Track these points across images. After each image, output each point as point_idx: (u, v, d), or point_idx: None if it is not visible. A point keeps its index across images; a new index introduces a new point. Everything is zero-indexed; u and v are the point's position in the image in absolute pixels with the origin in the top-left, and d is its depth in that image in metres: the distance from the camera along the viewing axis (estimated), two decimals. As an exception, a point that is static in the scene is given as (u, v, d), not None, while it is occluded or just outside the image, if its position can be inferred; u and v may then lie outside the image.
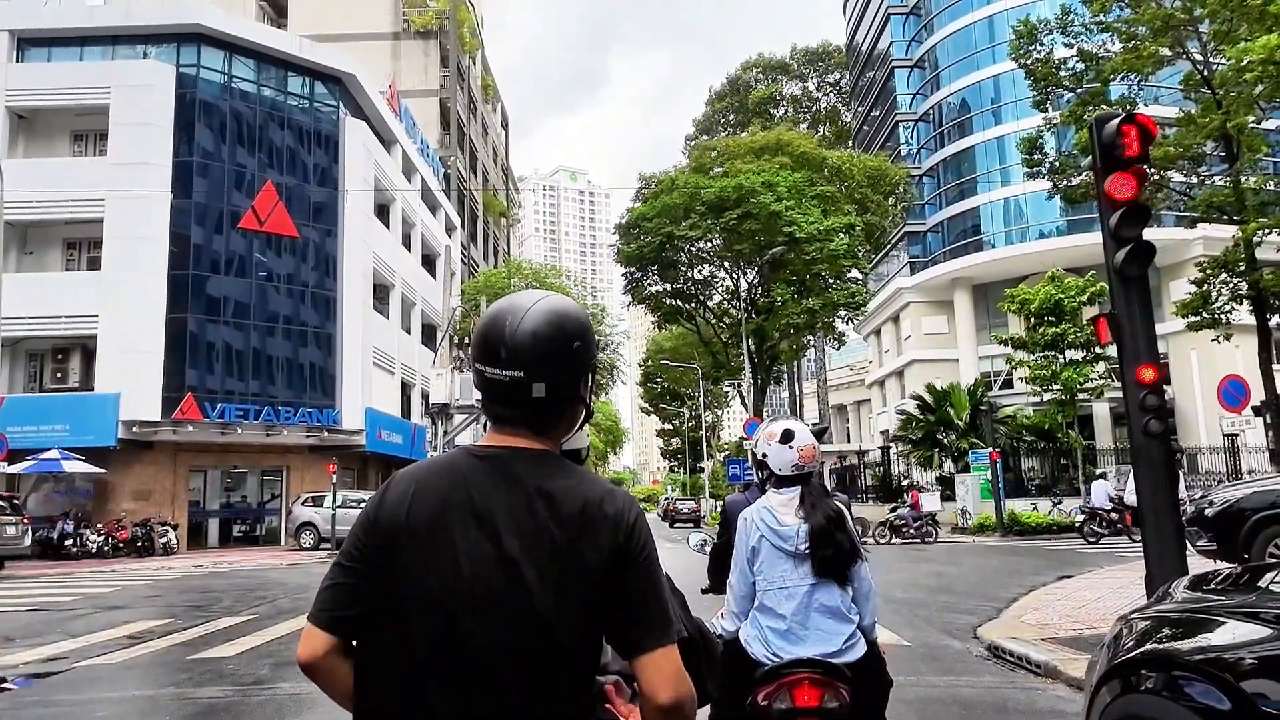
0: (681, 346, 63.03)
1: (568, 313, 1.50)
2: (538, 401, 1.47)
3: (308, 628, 1.44)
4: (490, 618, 1.37)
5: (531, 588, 1.38)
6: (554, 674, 1.39)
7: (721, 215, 30.60)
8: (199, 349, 27.05)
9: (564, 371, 1.48)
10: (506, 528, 1.40)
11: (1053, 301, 25.96)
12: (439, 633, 1.38)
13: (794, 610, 2.94)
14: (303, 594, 13.35)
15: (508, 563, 1.38)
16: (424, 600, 1.39)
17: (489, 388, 1.50)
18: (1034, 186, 48.91)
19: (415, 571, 1.40)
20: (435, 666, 1.38)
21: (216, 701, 6.15)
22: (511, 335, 1.45)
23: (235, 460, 28.84)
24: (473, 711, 1.37)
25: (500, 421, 1.51)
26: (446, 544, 1.40)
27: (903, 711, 5.49)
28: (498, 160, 64.63)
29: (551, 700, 1.38)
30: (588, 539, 1.41)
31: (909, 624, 9.16)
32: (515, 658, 1.37)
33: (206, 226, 27.61)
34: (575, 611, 1.40)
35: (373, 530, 1.45)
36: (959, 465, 31.00)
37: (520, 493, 1.43)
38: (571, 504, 1.42)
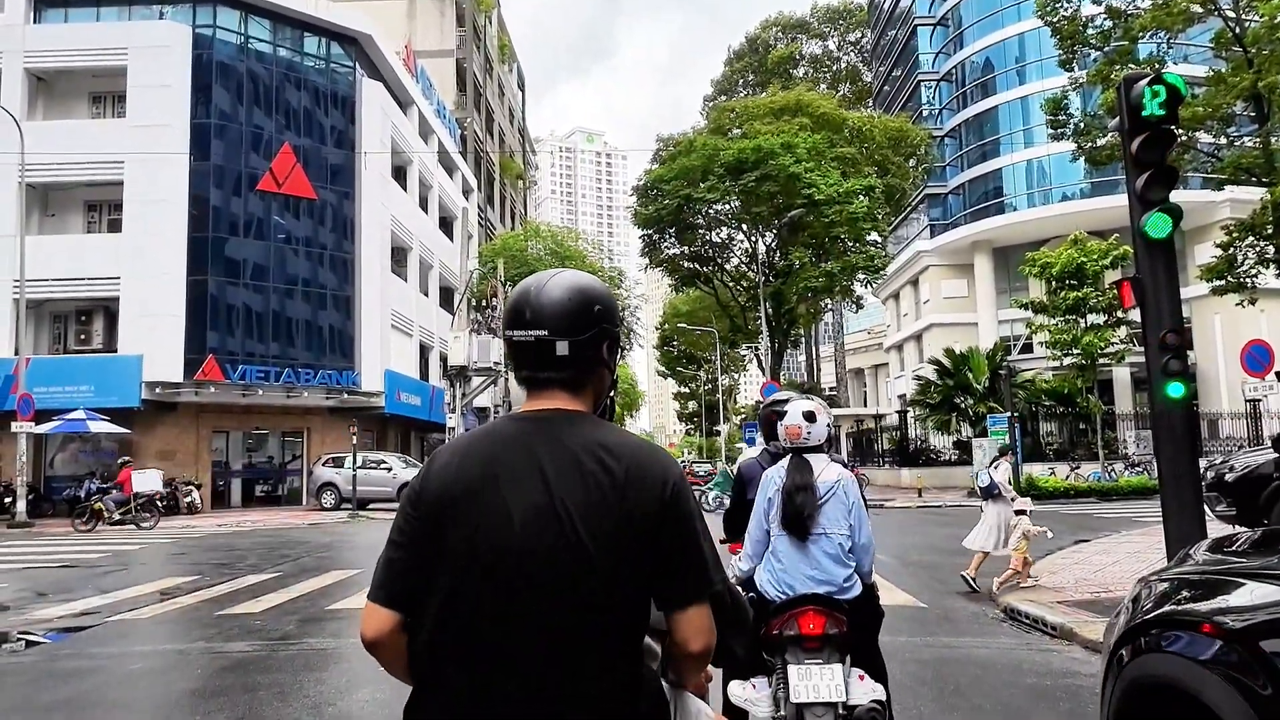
0: (698, 310, 62.86)
1: (588, 281, 1.61)
2: (562, 360, 1.54)
3: (369, 605, 1.48)
4: (543, 570, 1.42)
5: (583, 539, 1.42)
6: (606, 624, 1.44)
7: (740, 177, 30.32)
8: (219, 311, 27.24)
9: (584, 331, 1.56)
10: (555, 483, 1.45)
11: (1074, 265, 25.67)
12: (495, 591, 1.43)
13: (800, 556, 3.45)
14: (325, 552, 13.58)
15: (558, 517, 1.43)
16: (478, 561, 1.43)
17: (519, 351, 1.58)
18: (1058, 148, 48.05)
19: (467, 535, 1.44)
20: (492, 626, 1.43)
21: (245, 656, 6.30)
22: (536, 298, 1.56)
23: (257, 422, 29.18)
24: (522, 667, 1.41)
25: (534, 386, 1.59)
26: (496, 504, 1.45)
27: (918, 672, 5.57)
28: (514, 122, 64.21)
29: (602, 650, 1.44)
30: (634, 495, 1.46)
31: (926, 587, 9.23)
32: (569, 609, 1.42)
33: (225, 189, 27.67)
34: (623, 562, 1.44)
35: (419, 504, 1.49)
36: (976, 430, 30.92)
37: (566, 450, 1.48)
38: (618, 461, 1.48)
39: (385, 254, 31.80)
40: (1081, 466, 27.98)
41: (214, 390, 26.16)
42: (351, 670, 5.74)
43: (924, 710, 4.74)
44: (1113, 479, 25.95)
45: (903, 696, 4.97)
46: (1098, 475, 26.98)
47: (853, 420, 48.49)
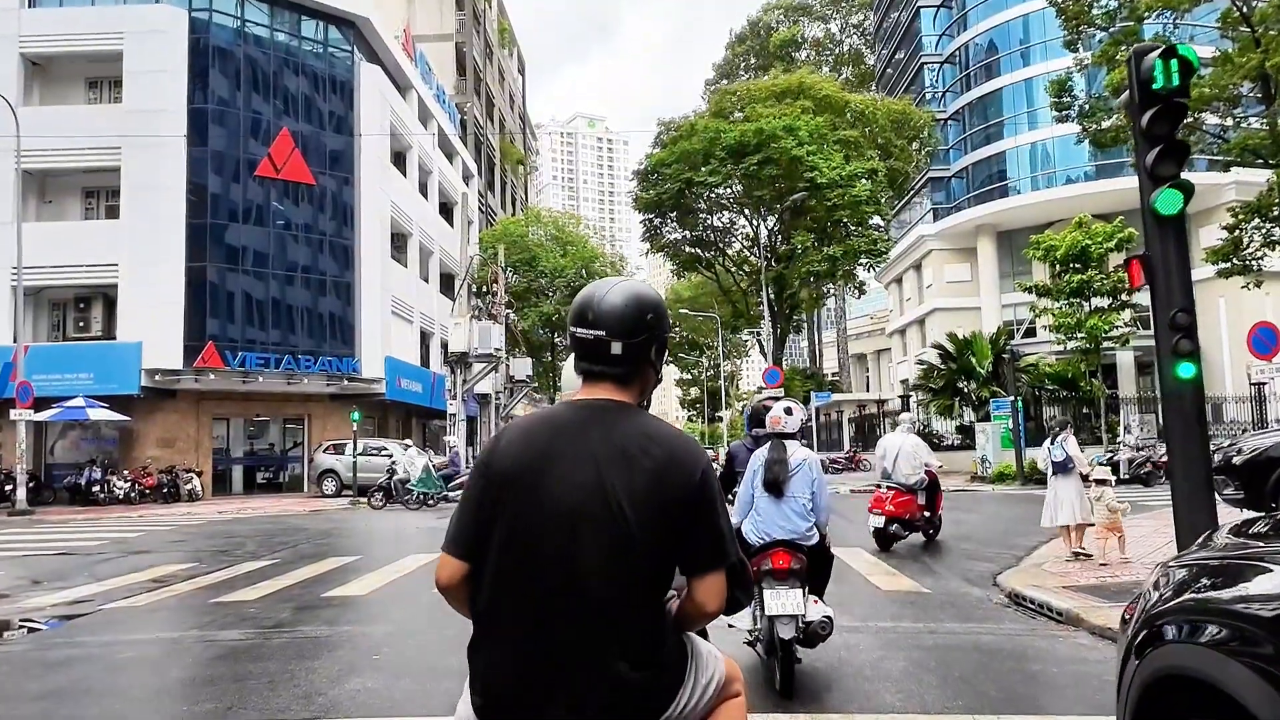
0: (700, 296, 62.69)
1: (644, 292, 1.89)
2: (616, 358, 1.83)
3: (443, 556, 1.80)
4: (591, 536, 1.69)
5: (625, 512, 1.69)
6: (639, 584, 1.72)
7: (741, 161, 30.06)
8: (219, 298, 27.12)
9: (637, 335, 1.84)
10: (605, 465, 1.72)
11: (1079, 248, 25.44)
12: (550, 552, 1.70)
13: (775, 511, 4.85)
14: (323, 539, 13.50)
15: (606, 493, 1.70)
16: (537, 526, 1.71)
17: (580, 346, 1.87)
18: (1062, 130, 47.69)
19: (529, 503, 1.72)
20: (546, 580, 1.70)
21: (238, 644, 6.20)
22: (599, 303, 1.85)
23: (257, 409, 29.12)
24: (569, 615, 1.68)
25: (590, 378, 1.87)
26: (554, 478, 1.73)
27: (922, 659, 5.46)
28: (514, 107, 63.84)
29: (637, 607, 1.72)
30: (671, 479, 1.73)
31: (928, 572, 9.12)
32: (610, 570, 1.69)
33: (223, 175, 27.49)
34: (658, 533, 1.71)
35: (487, 473, 1.78)
36: (979, 414, 30.78)
37: (615, 437, 1.76)
38: (659, 447, 1.76)
39: (385, 240, 31.62)
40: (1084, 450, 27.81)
41: (213, 377, 26.08)
42: (343, 659, 5.64)
43: (928, 698, 4.63)
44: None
45: (906, 685, 4.87)
46: (1100, 459, 26.83)
47: (855, 405, 48.40)
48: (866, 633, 6.21)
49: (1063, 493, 9.40)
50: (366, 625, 6.73)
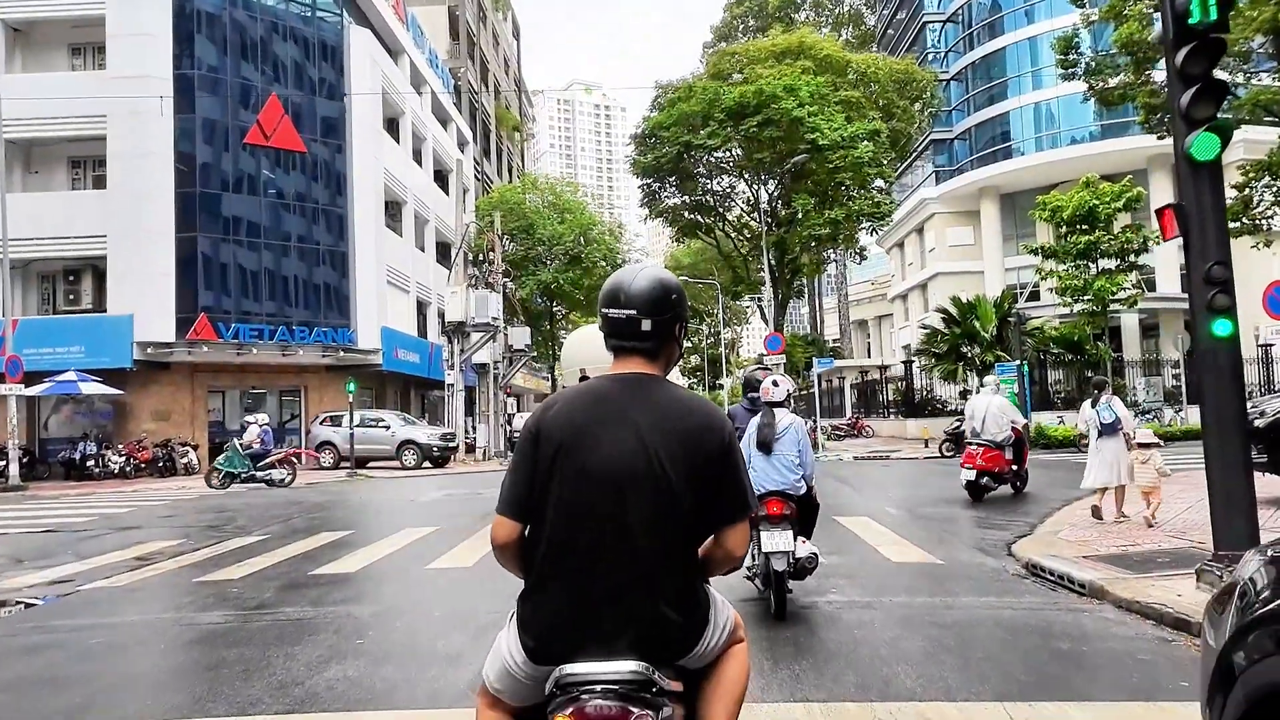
0: (700, 262, 62.10)
1: (668, 277, 2.11)
2: (645, 334, 2.04)
3: (497, 517, 2.01)
4: (634, 493, 1.91)
5: (666, 472, 1.92)
6: (678, 537, 1.95)
7: (741, 123, 29.38)
8: (210, 269, 26.63)
9: (664, 313, 2.05)
10: (644, 427, 1.94)
11: (1086, 208, 24.92)
12: (599, 508, 1.91)
13: (767, 465, 5.69)
14: (317, 514, 13.19)
15: (647, 454, 1.92)
16: (586, 485, 1.92)
17: (612, 324, 2.06)
18: (1067, 89, 46.95)
19: (578, 466, 1.93)
20: (595, 534, 1.91)
21: (215, 628, 5.87)
22: (629, 286, 2.05)
23: (253, 381, 28.77)
24: (618, 563, 1.90)
25: (621, 352, 2.08)
26: (600, 441, 1.94)
27: (940, 637, 5.12)
28: (509, 72, 62.81)
29: (674, 555, 1.94)
30: (702, 439, 1.96)
31: (940, 541, 8.79)
32: (653, 524, 1.91)
33: (212, 143, 26.88)
34: (693, 490, 1.94)
35: (536, 439, 1.98)
36: (983, 379, 30.43)
37: (652, 403, 1.98)
38: (690, 412, 1.99)
39: (379, 208, 31.07)
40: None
41: (207, 349, 25.72)
42: (325, 643, 5.30)
43: (950, 681, 4.30)
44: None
45: (926, 667, 4.53)
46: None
47: (857, 371, 48.08)
48: (880, 609, 5.88)
49: (1109, 454, 9.32)
50: (353, 605, 6.40)
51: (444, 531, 10.35)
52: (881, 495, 13.15)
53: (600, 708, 1.82)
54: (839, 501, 12.37)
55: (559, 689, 1.89)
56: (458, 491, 16.38)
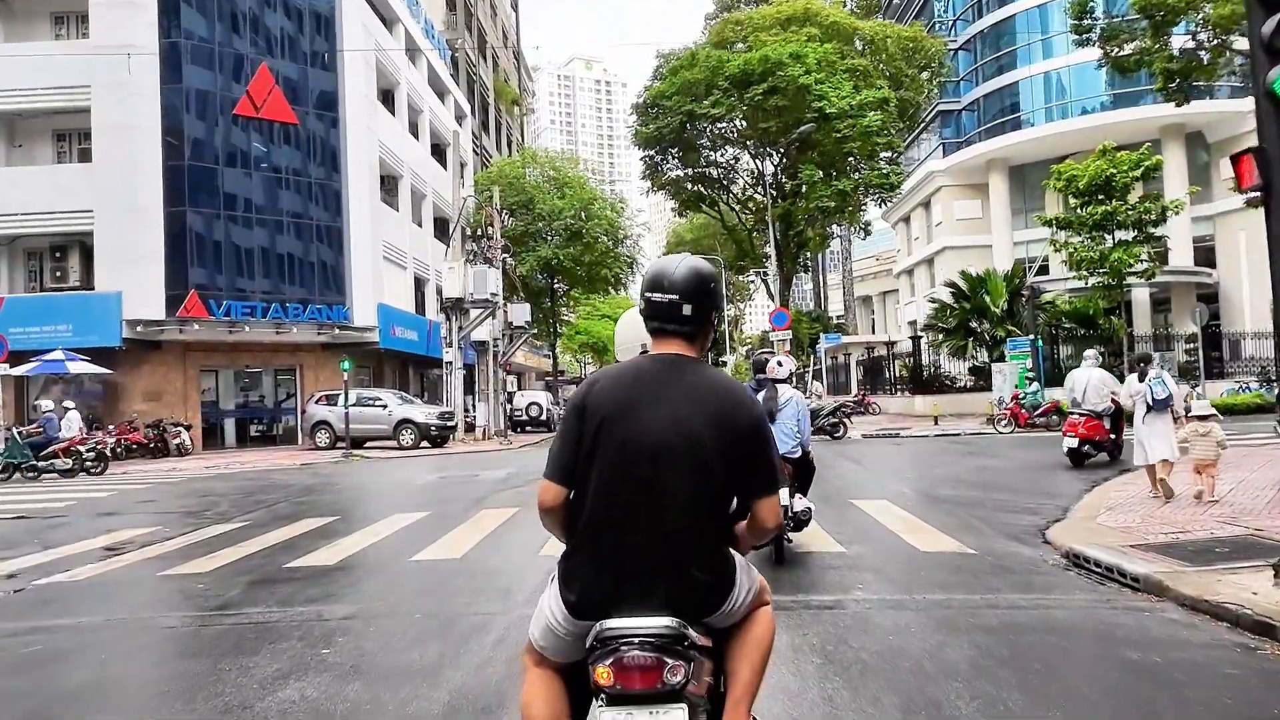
0: (703, 238, 61.20)
1: (707, 266, 2.33)
2: (685, 318, 2.25)
3: (544, 483, 2.22)
4: (669, 464, 2.12)
5: (700, 444, 2.12)
6: (709, 505, 2.16)
7: (746, 91, 28.42)
8: (201, 245, 25.90)
9: (703, 300, 2.26)
10: (682, 404, 2.15)
11: (1103, 177, 24.08)
12: (639, 476, 2.12)
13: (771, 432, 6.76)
14: (305, 497, 12.56)
15: (683, 428, 2.13)
16: (628, 456, 2.13)
17: (655, 308, 2.27)
18: (1078, 58, 45.87)
19: (620, 438, 2.14)
20: (635, 500, 2.12)
21: (169, 633, 5.25)
22: (672, 273, 2.27)
23: (247, 359, 28.15)
24: (653, 528, 2.11)
25: (662, 334, 2.28)
26: (640, 417, 2.15)
27: (990, 645, 4.48)
28: (508, 44, 61.69)
29: (704, 522, 2.16)
30: (734, 417, 2.17)
31: (966, 527, 8.14)
32: (687, 492, 2.12)
33: (200, 115, 26.06)
34: (725, 463, 2.15)
35: (582, 412, 2.19)
36: (994, 354, 29.75)
37: (689, 382, 2.19)
38: (724, 392, 2.20)
39: (374, 182, 30.30)
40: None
41: (198, 328, 25.06)
42: (287, 653, 4.66)
43: (1011, 703, 3.65)
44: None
45: (979, 684, 3.88)
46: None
47: (863, 348, 47.37)
48: (915, 609, 5.23)
49: (1160, 430, 8.96)
50: (325, 605, 5.76)
51: (435, 518, 9.72)
52: (897, 476, 12.51)
53: (637, 658, 2.00)
54: (854, 484, 11.74)
55: (599, 643, 2.06)
56: (454, 473, 15.76)
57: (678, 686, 2.00)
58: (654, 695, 2.00)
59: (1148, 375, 9.15)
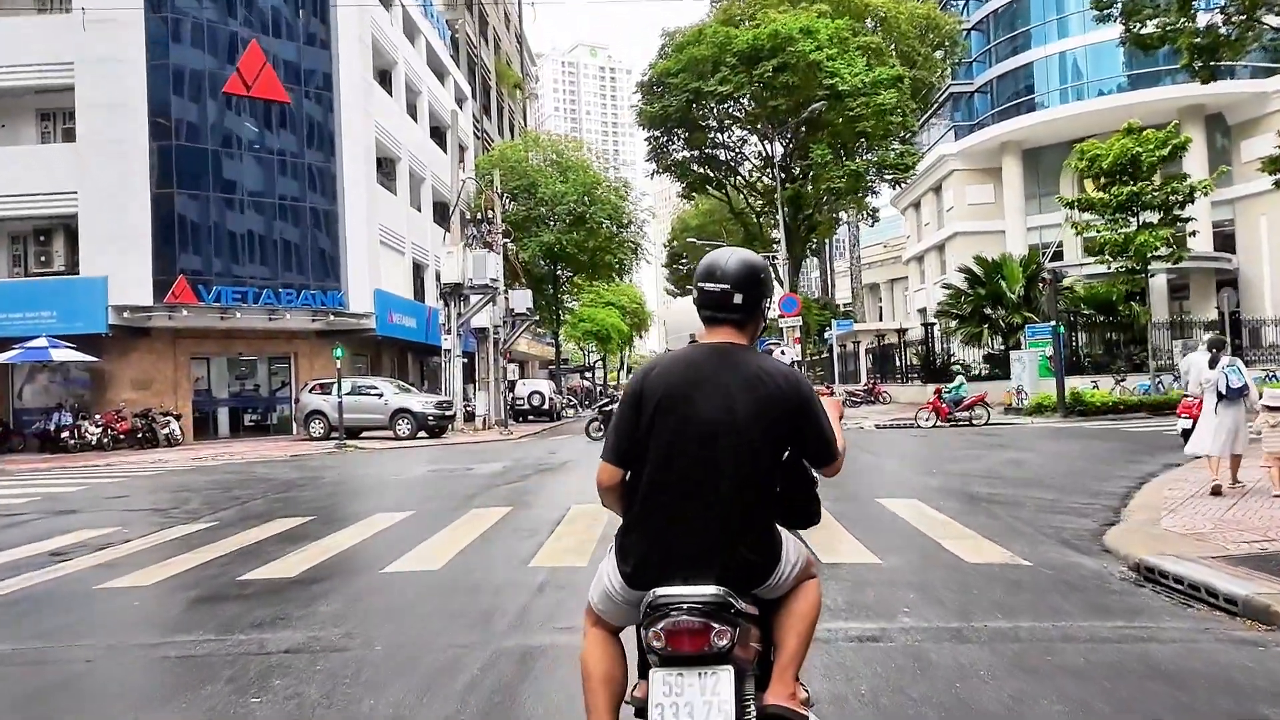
0: (709, 224, 60.15)
1: (757, 259, 2.44)
2: (737, 307, 2.34)
3: (603, 464, 2.35)
4: (720, 446, 2.23)
5: (748, 427, 2.23)
6: (757, 484, 2.28)
7: (755, 67, 27.37)
8: (190, 228, 25.03)
9: (753, 290, 2.36)
10: (732, 390, 2.26)
11: (1129, 156, 23.06)
12: (688, 460, 2.24)
13: None
14: (284, 493, 11.69)
15: (735, 412, 2.23)
16: (683, 438, 2.24)
17: (708, 297, 2.36)
18: (1094, 37, 44.73)
19: (676, 422, 2.25)
20: (682, 483, 2.25)
21: (64, 672, 4.30)
22: (724, 264, 2.37)
23: (240, 347, 27.31)
24: (705, 505, 2.23)
25: (714, 323, 2.38)
26: (694, 401, 2.26)
27: (1082, 692, 3.57)
28: (510, 27, 60.57)
29: (752, 500, 2.27)
30: (781, 398, 2.27)
31: (1011, 531, 7.23)
32: (733, 472, 2.23)
33: (189, 94, 25.14)
34: (773, 444, 2.29)
35: (638, 398, 2.31)
36: (1010, 341, 28.80)
37: (740, 368, 2.29)
38: (773, 376, 2.29)
39: (370, 164, 29.34)
40: (1127, 379, 25.90)
41: (187, 314, 24.21)
42: (203, 705, 3.75)
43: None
44: (1161, 392, 23.89)
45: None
46: (1145, 388, 24.91)
47: (873, 335, 46.40)
48: (978, 641, 4.32)
49: (1230, 420, 8.30)
50: (271, 631, 4.86)
51: (418, 518, 8.84)
52: (921, 470, 11.60)
53: (686, 622, 2.14)
54: (876, 479, 10.83)
55: (651, 609, 2.20)
56: (448, 466, 14.87)
57: (724, 649, 2.14)
58: (702, 657, 2.14)
59: (1220, 362, 8.24)
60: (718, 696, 2.10)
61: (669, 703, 2.12)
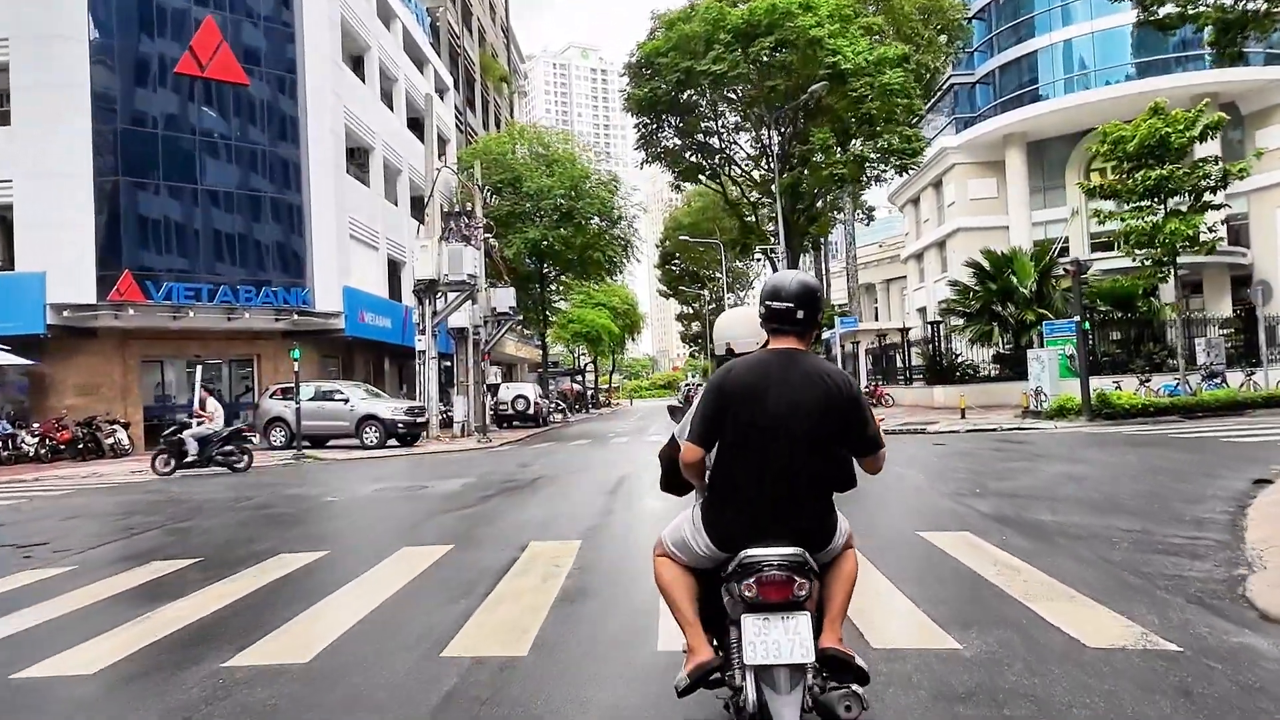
0: (702, 221, 58.30)
1: (813, 281, 2.96)
2: (798, 320, 2.85)
3: (687, 445, 2.83)
4: (787, 434, 2.72)
5: (814, 418, 2.73)
6: (818, 467, 2.78)
7: (751, 45, 25.43)
8: (137, 221, 23.08)
9: (810, 306, 2.86)
10: (799, 389, 2.75)
11: (1157, 137, 21.19)
12: (764, 445, 2.73)
13: None
14: (187, 521, 9.69)
15: (800, 406, 2.73)
16: (756, 427, 2.74)
17: (773, 313, 2.87)
18: (1102, 24, 43.03)
19: (750, 414, 2.74)
20: (758, 465, 2.74)
21: None
22: (787, 286, 2.88)
23: (196, 349, 25.23)
24: (777, 484, 2.74)
25: (780, 333, 2.88)
26: (765, 399, 2.74)
27: None
28: (496, 19, 58.67)
29: (814, 479, 2.79)
30: (837, 395, 2.76)
31: (1117, 583, 5.30)
32: (803, 457, 2.74)
33: (137, 75, 23.19)
34: (831, 431, 2.77)
35: (720, 395, 2.79)
36: (1023, 339, 26.97)
37: (802, 371, 2.78)
38: (828, 378, 2.78)
39: (339, 153, 27.40)
40: (1152, 379, 24.07)
41: (134, 312, 22.24)
42: None
43: None
44: (1190, 392, 22.04)
45: None
46: (1172, 389, 23.04)
47: (873, 335, 44.57)
48: None
49: None
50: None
51: (330, 561, 6.87)
52: (959, 490, 9.64)
53: (775, 576, 2.63)
54: (908, 503, 8.90)
55: (741, 567, 2.70)
56: (401, 484, 12.85)
57: (802, 599, 2.65)
58: (784, 604, 2.64)
59: None
60: (799, 635, 2.61)
61: (760, 641, 2.61)
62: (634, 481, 11.75)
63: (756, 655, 2.57)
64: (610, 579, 5.78)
